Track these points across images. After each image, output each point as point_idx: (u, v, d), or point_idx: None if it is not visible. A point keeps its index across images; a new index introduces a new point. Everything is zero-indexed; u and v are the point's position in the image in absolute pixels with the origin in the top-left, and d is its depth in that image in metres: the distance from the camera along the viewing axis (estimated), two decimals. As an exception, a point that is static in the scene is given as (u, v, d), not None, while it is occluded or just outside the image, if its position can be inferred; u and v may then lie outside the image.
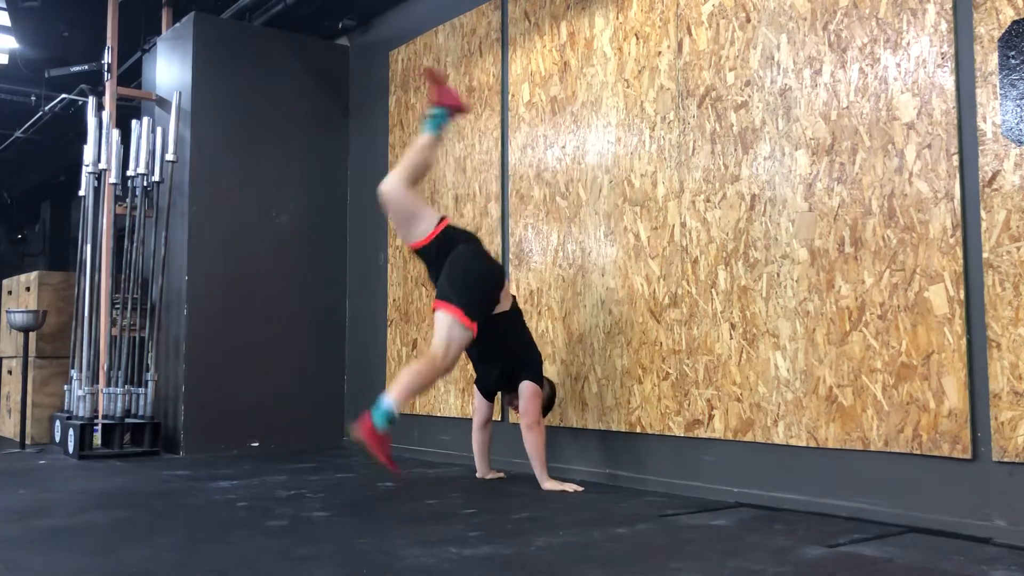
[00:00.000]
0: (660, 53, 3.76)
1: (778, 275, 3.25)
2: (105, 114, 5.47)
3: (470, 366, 4.63)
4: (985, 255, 2.69)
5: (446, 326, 3.44)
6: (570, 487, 3.60)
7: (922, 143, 2.86)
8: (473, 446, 4.05)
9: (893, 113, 2.95)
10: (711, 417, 3.45)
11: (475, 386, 3.99)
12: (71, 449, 5.01)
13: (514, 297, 3.86)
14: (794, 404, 3.17)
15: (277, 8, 5.63)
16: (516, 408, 3.80)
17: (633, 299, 3.80)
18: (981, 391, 2.69)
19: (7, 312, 5.79)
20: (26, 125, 8.05)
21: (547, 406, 3.83)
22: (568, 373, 4.10)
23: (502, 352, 3.76)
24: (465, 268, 3.53)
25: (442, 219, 3.63)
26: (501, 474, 4.04)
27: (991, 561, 2.38)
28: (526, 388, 3.68)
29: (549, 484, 3.63)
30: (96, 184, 5.46)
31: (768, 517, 3.04)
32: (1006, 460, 2.62)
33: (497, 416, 4.45)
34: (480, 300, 3.55)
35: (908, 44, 2.92)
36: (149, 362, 5.27)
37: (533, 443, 3.63)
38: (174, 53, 5.63)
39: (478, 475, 4.04)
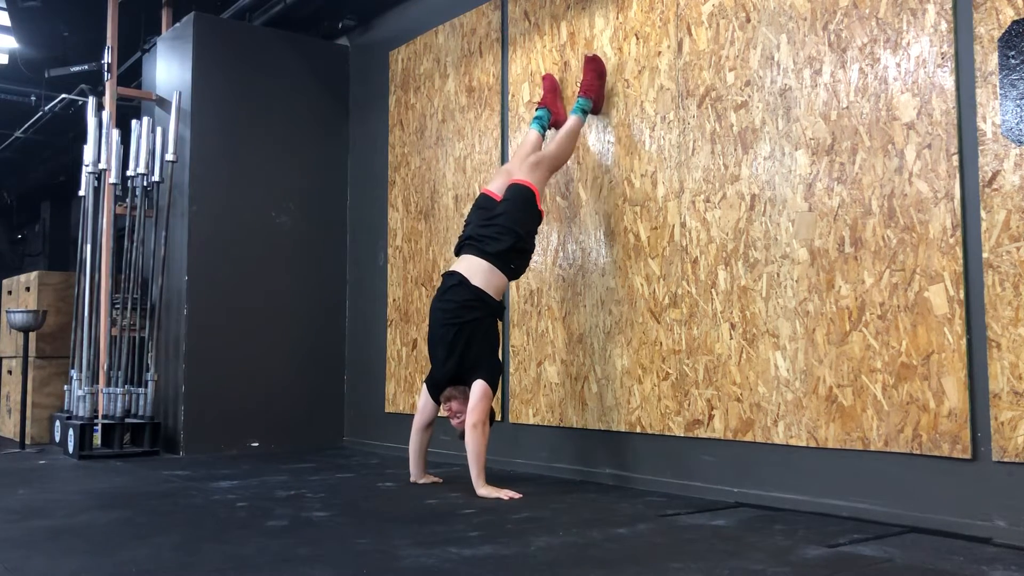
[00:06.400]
0: (660, 53, 3.76)
1: (778, 275, 3.25)
2: (105, 114, 5.47)
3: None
4: (985, 255, 2.69)
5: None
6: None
7: (922, 143, 2.86)
8: (411, 448, 3.89)
9: (893, 113, 2.95)
10: (711, 417, 3.45)
11: (424, 384, 3.82)
12: (71, 449, 5.01)
13: (502, 302, 3.75)
14: (794, 404, 3.17)
15: (277, 8, 5.64)
16: (452, 410, 3.65)
17: (633, 299, 3.80)
18: (981, 391, 2.69)
19: (7, 312, 5.79)
20: (26, 125, 8.05)
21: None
22: (568, 373, 4.10)
23: (471, 346, 3.63)
24: None
25: None
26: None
27: (991, 561, 2.38)
28: (478, 386, 3.55)
29: (484, 490, 3.47)
30: (96, 184, 5.47)
31: (768, 517, 3.04)
32: (1006, 460, 2.62)
33: (498, 416, 4.45)
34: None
35: (908, 44, 2.92)
36: (149, 362, 5.27)
37: (475, 443, 3.49)
38: (174, 53, 5.63)
39: (412, 479, 3.89)
